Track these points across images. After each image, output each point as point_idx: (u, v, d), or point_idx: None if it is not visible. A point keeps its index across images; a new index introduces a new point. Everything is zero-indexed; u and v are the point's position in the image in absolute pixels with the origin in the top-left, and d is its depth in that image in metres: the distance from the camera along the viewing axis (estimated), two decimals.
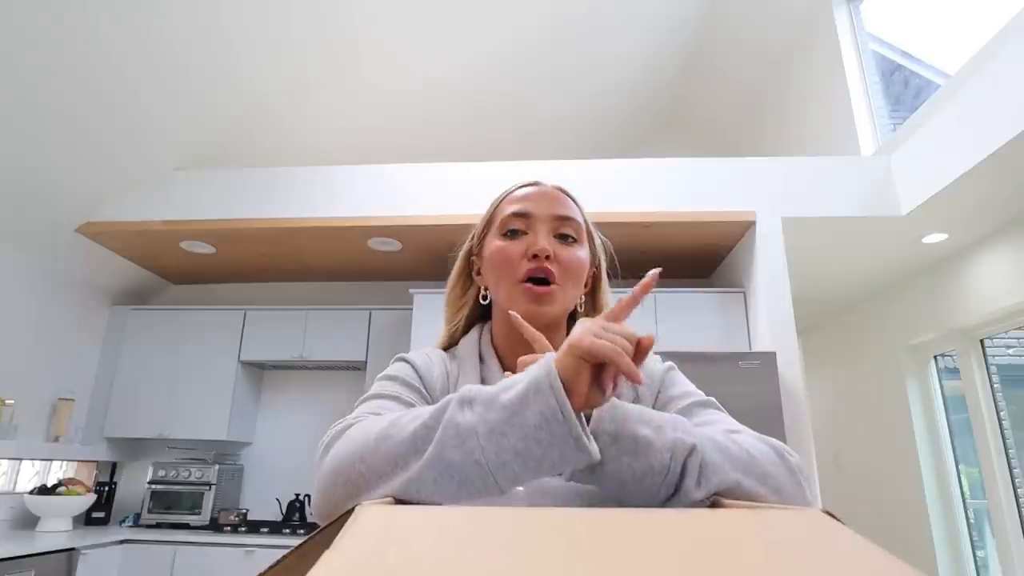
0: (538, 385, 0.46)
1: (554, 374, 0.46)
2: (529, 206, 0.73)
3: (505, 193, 0.78)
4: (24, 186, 2.93)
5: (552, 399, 0.45)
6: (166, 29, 2.64)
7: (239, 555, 3.08)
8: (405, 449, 0.48)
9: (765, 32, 4.43)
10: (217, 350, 3.73)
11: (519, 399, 0.46)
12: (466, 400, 0.48)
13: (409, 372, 0.70)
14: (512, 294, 0.70)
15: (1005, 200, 2.77)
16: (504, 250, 0.72)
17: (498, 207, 0.77)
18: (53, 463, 3.51)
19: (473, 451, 0.46)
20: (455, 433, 0.46)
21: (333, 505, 0.51)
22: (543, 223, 0.72)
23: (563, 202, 0.75)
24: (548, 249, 0.69)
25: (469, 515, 0.31)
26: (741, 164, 3.28)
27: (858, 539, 0.24)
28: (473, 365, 0.72)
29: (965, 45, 2.79)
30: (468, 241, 0.81)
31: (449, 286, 0.82)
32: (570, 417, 0.45)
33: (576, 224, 0.74)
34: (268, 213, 3.28)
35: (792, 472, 0.53)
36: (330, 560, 0.22)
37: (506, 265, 0.71)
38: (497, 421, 0.46)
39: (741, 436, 0.56)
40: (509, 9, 3.78)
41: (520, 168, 3.25)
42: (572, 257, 0.71)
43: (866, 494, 4.15)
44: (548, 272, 0.69)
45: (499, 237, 0.73)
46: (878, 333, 4.12)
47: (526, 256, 0.70)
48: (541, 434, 0.45)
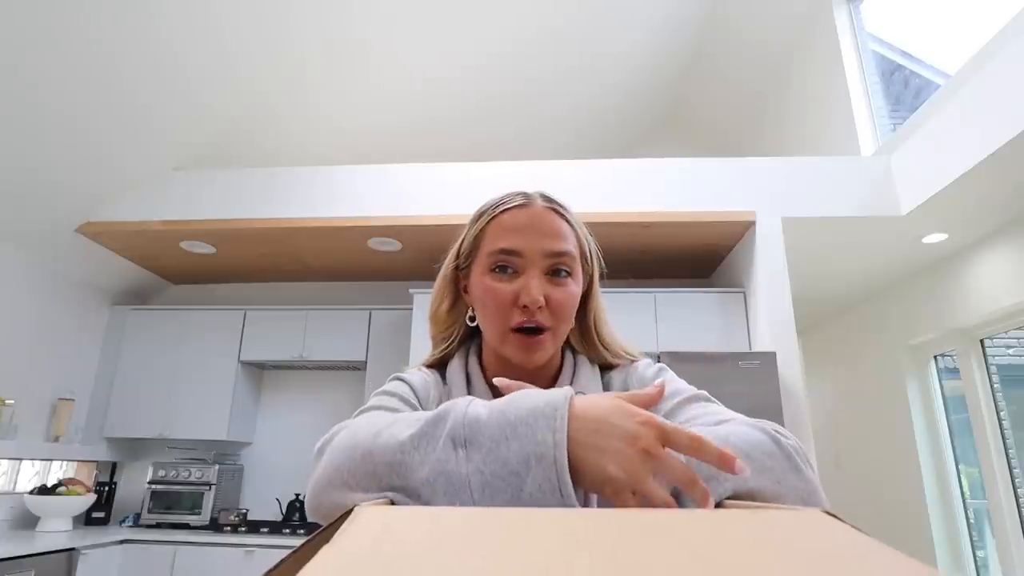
0: (540, 454, 0.43)
1: (563, 444, 0.42)
2: (520, 242, 0.68)
3: (492, 211, 0.71)
4: (24, 186, 2.93)
5: (553, 475, 0.42)
6: (166, 29, 2.64)
7: (239, 555, 3.08)
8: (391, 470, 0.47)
9: (765, 32, 4.43)
10: (217, 350, 3.73)
11: (519, 460, 0.43)
12: (460, 440, 0.45)
13: (406, 391, 0.68)
14: (503, 340, 0.68)
15: (1005, 200, 2.77)
16: (494, 292, 0.68)
17: (486, 231, 0.71)
18: (53, 463, 3.51)
19: (465, 502, 0.44)
20: (446, 481, 0.44)
21: (327, 507, 0.50)
22: (535, 263, 0.67)
23: (556, 231, 0.69)
24: (539, 301, 0.66)
25: (469, 515, 0.31)
26: (741, 164, 3.28)
27: (861, 536, 0.24)
28: (460, 389, 0.71)
29: (965, 45, 2.79)
30: (453, 257, 0.75)
31: (434, 303, 0.77)
32: (569, 497, 0.42)
33: (570, 257, 0.69)
34: (268, 213, 3.28)
35: (789, 457, 0.51)
36: (327, 556, 0.22)
37: (496, 310, 0.68)
38: (492, 476, 0.43)
39: (733, 427, 0.54)
40: (509, 9, 3.78)
41: (520, 168, 3.25)
42: (564, 297, 0.68)
43: (866, 494, 4.16)
44: (539, 323, 0.66)
45: (487, 273, 0.69)
46: (878, 333, 4.12)
47: (517, 305, 0.66)
48: (535, 503, 0.42)
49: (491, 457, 0.44)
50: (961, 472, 3.55)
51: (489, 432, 0.45)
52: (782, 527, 0.27)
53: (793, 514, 0.30)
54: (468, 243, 0.73)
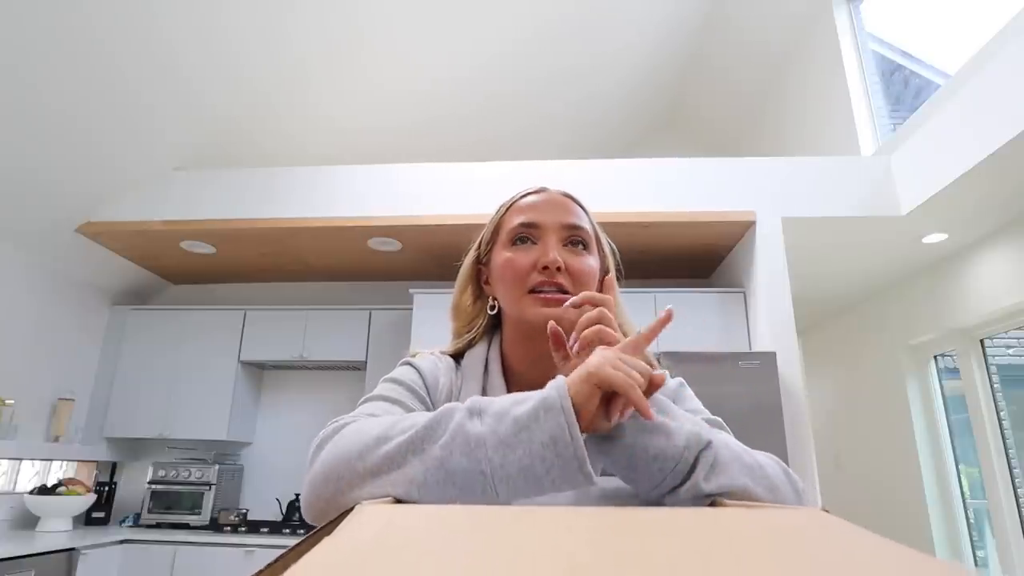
0: (549, 404, 0.48)
1: (566, 395, 0.48)
2: (537, 215, 0.71)
3: (511, 200, 0.76)
4: (24, 186, 2.93)
5: (562, 418, 0.47)
6: (166, 29, 2.64)
7: (239, 555, 3.08)
8: (406, 450, 0.48)
9: (765, 32, 4.43)
10: (217, 350, 3.73)
11: (530, 415, 0.47)
12: (475, 411, 0.49)
13: (414, 378, 0.69)
14: (522, 304, 0.69)
15: (1005, 200, 2.77)
16: (513, 261, 0.70)
17: (504, 216, 0.75)
18: (53, 463, 3.51)
19: (480, 461, 0.46)
20: (464, 440, 0.47)
21: (324, 502, 0.50)
22: (552, 232, 0.70)
23: (572, 209, 0.73)
24: (559, 260, 0.68)
25: (470, 513, 0.31)
26: (741, 164, 3.28)
27: (862, 532, 0.24)
28: (476, 379, 0.71)
29: (965, 45, 2.79)
30: (474, 249, 0.78)
31: (456, 296, 0.79)
32: (577, 439, 0.46)
33: (585, 232, 0.72)
34: (268, 213, 3.28)
35: (798, 493, 0.56)
36: (328, 547, 0.22)
37: (515, 277, 0.69)
38: (506, 434, 0.47)
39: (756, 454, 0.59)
40: (509, 9, 3.78)
41: (520, 168, 3.25)
42: (583, 266, 0.70)
43: (866, 494, 4.15)
44: (559, 285, 0.68)
45: (507, 247, 0.72)
46: (878, 333, 4.12)
47: (536, 267, 0.69)
48: (547, 452, 0.46)
49: (505, 419, 0.48)
50: (961, 472, 3.55)
51: (501, 403, 0.50)
52: (783, 523, 0.27)
53: (793, 512, 0.30)
54: (489, 232, 0.77)
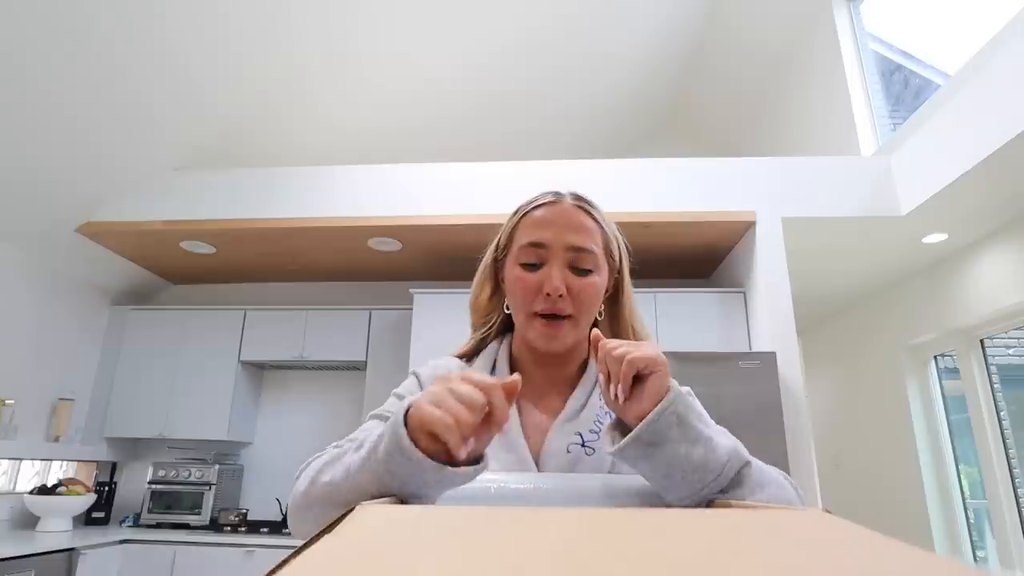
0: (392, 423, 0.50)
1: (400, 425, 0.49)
2: (546, 236, 0.74)
3: (525, 208, 0.78)
4: (24, 186, 2.93)
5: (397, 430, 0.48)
6: (167, 29, 2.64)
7: (239, 555, 3.08)
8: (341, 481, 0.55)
9: (765, 32, 4.43)
10: (217, 350, 3.73)
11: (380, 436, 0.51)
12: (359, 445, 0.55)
13: (413, 389, 0.74)
14: (527, 326, 0.74)
15: (1005, 200, 2.77)
16: (522, 281, 0.73)
17: (517, 227, 0.77)
18: (53, 463, 3.51)
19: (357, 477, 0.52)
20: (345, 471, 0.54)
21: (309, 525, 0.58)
22: (558, 255, 0.73)
23: (580, 226, 0.75)
24: (561, 288, 0.71)
25: (469, 513, 0.31)
26: (741, 164, 3.28)
27: (866, 532, 0.24)
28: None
29: (965, 45, 2.79)
30: (492, 251, 0.82)
31: (474, 291, 0.83)
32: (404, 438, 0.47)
33: (593, 256, 0.74)
34: (268, 213, 3.28)
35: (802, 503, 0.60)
36: (328, 544, 0.23)
37: (523, 297, 0.73)
38: (367, 454, 0.51)
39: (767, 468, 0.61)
40: (509, 9, 3.78)
41: (521, 168, 3.25)
42: (586, 287, 0.73)
43: (866, 494, 4.15)
44: (560, 310, 0.72)
45: (517, 264, 0.75)
46: (878, 333, 4.12)
47: (540, 292, 0.72)
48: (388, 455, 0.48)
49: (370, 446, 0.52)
50: (961, 472, 3.55)
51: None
52: (785, 523, 0.27)
53: (793, 512, 0.30)
54: (504, 237, 0.80)
